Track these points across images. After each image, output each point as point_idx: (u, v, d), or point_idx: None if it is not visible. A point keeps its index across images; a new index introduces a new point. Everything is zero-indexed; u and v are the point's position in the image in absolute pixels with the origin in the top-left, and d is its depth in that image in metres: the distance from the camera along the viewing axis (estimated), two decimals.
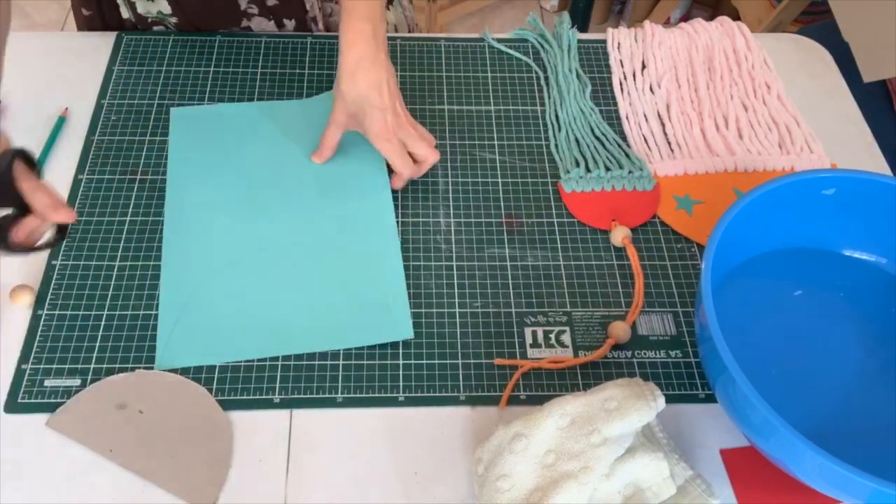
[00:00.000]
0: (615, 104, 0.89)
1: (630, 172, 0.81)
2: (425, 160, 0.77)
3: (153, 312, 0.69)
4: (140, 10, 0.89)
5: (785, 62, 0.94)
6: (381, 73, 0.73)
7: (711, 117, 0.87)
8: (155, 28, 0.92)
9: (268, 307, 0.70)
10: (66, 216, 0.60)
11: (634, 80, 0.91)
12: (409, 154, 0.76)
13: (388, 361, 0.68)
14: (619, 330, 0.69)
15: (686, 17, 2.18)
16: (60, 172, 0.78)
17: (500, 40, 0.94)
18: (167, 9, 0.89)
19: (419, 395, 0.66)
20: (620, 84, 0.91)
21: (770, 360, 0.66)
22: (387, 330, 0.68)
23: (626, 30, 0.96)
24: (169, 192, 0.77)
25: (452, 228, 0.77)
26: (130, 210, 0.76)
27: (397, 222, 0.76)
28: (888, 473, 0.50)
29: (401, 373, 0.67)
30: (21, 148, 0.56)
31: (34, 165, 0.57)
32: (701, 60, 0.92)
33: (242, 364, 0.67)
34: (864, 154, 0.86)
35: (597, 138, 0.85)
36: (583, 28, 2.07)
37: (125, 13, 0.90)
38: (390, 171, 0.78)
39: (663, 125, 0.87)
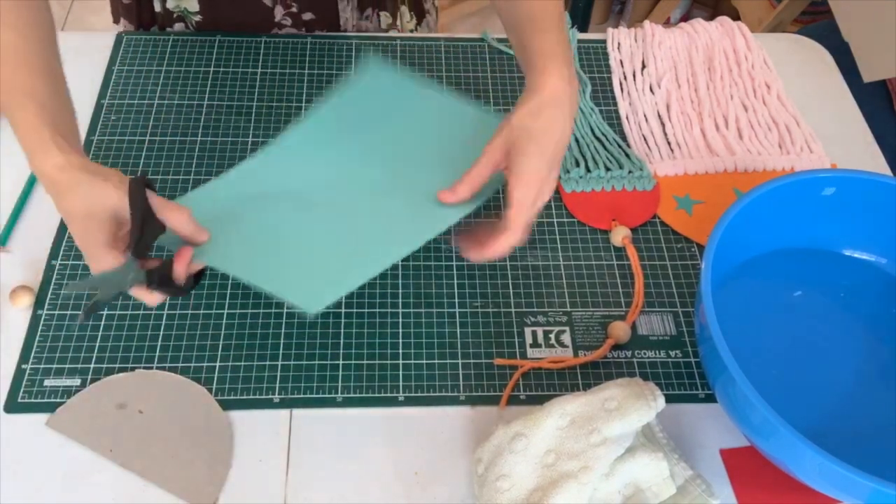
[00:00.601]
0: (615, 104, 0.89)
1: (630, 172, 0.81)
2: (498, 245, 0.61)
3: (153, 312, 0.69)
4: (169, 4, 0.89)
5: (785, 62, 0.94)
6: (568, 116, 0.61)
7: (711, 117, 0.87)
8: (176, 25, 0.92)
9: (262, 225, 0.64)
10: (203, 237, 0.59)
11: (634, 80, 0.91)
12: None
13: (388, 361, 0.68)
14: (619, 330, 0.69)
15: (686, 17, 2.18)
16: None
17: (500, 40, 0.94)
18: (195, 6, 0.89)
19: (419, 394, 0.66)
20: (620, 84, 0.91)
21: (770, 360, 0.66)
22: (300, 291, 0.59)
23: (626, 30, 0.96)
24: (296, 127, 0.70)
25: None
26: None
27: None
28: (888, 473, 0.50)
29: (401, 373, 0.67)
30: (145, 177, 0.57)
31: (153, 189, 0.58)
32: (701, 60, 0.92)
33: (242, 364, 0.67)
34: (864, 154, 0.86)
35: (597, 138, 0.85)
36: (583, 28, 2.06)
37: (157, 6, 0.91)
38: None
39: (663, 125, 0.87)
